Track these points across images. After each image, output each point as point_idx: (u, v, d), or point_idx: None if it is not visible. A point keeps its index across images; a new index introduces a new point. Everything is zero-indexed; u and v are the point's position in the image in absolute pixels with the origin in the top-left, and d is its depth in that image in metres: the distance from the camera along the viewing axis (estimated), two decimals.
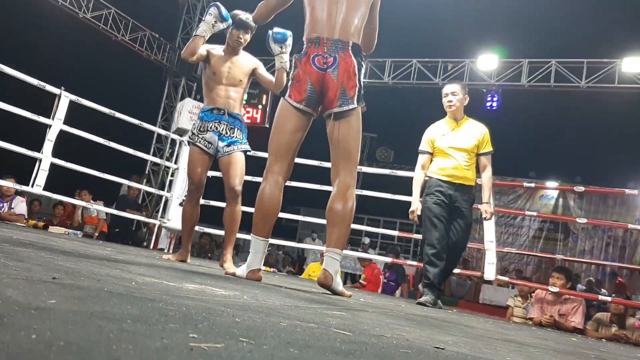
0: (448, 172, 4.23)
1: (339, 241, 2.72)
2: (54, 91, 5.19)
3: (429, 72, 11.84)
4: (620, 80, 10.44)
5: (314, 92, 2.69)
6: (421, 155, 4.45)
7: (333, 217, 2.74)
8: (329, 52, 2.66)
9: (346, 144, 2.73)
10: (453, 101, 4.26)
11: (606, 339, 4.56)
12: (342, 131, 2.71)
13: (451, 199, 4.18)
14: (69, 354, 0.54)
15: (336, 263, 2.69)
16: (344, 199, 2.74)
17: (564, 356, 1.75)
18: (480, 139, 4.26)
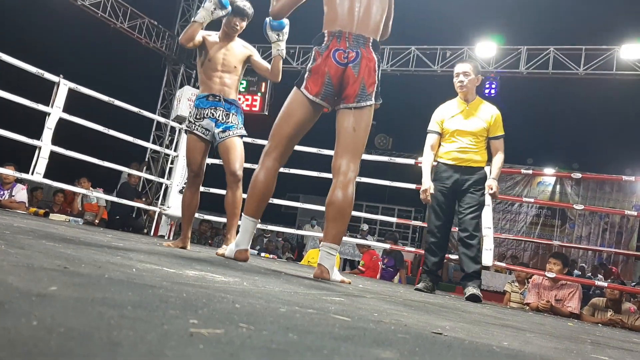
0: (453, 155, 4.11)
1: (337, 237, 2.70)
2: (52, 79, 5.17)
3: (427, 60, 11.80)
4: (618, 67, 10.41)
5: (332, 87, 2.67)
6: (430, 135, 4.28)
7: (333, 211, 2.70)
8: (350, 47, 2.65)
9: (356, 137, 2.71)
10: (464, 82, 4.10)
11: (602, 323, 4.59)
12: (354, 124, 2.69)
13: (457, 183, 4.06)
14: (70, 340, 0.55)
15: (332, 258, 2.67)
16: (345, 192, 2.70)
17: (560, 341, 1.77)
18: (491, 121, 4.09)
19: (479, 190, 4.08)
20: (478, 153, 4.09)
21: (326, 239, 2.69)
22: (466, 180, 4.06)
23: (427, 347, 0.96)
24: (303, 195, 16.32)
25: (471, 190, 4.05)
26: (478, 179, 4.08)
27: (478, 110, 4.13)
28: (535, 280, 5.21)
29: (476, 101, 4.17)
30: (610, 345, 2.04)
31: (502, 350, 1.14)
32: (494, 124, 4.11)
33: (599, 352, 1.61)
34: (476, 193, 4.06)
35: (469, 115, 4.12)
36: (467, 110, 4.13)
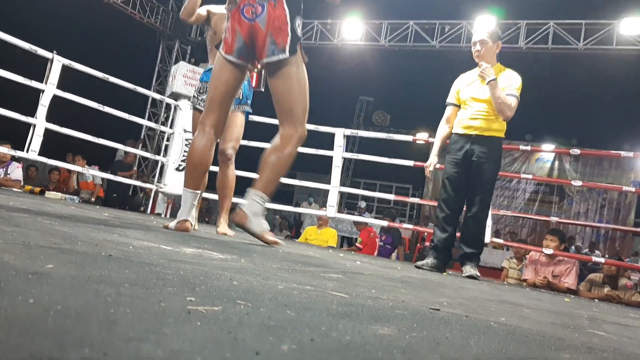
0: (464, 123, 3.90)
1: (265, 185, 2.60)
2: (46, 55, 5.11)
3: (425, 34, 11.70)
4: (618, 42, 10.34)
5: (244, 44, 2.63)
6: (447, 107, 4.08)
7: (264, 164, 2.63)
8: (259, 2, 2.59)
9: (286, 99, 2.63)
10: (481, 50, 3.90)
11: (599, 299, 4.63)
12: (281, 85, 2.62)
13: (467, 154, 3.85)
14: (67, 318, 0.54)
15: (256, 205, 2.58)
16: (280, 150, 2.62)
17: (557, 316, 1.78)
18: (506, 83, 3.84)
19: (491, 164, 3.86)
20: (491, 121, 3.85)
21: (253, 186, 2.62)
22: (477, 151, 3.85)
23: (425, 323, 0.97)
24: (300, 173, 16.30)
25: (482, 163, 3.84)
26: (490, 151, 3.86)
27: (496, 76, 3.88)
28: (533, 256, 5.24)
29: (495, 68, 3.93)
30: (607, 320, 2.06)
31: (500, 326, 1.14)
32: (508, 82, 3.86)
33: (596, 327, 1.62)
34: (487, 167, 3.85)
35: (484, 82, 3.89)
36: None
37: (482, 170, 3.83)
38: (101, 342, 0.48)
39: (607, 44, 10.45)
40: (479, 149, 3.83)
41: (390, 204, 15.88)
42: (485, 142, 3.84)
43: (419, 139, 6.34)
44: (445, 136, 4.07)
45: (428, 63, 13.31)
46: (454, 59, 11.96)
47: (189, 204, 2.78)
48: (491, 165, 3.86)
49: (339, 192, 5.83)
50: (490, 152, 3.85)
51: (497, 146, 3.90)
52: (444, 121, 4.09)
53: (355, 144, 17.21)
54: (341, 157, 5.77)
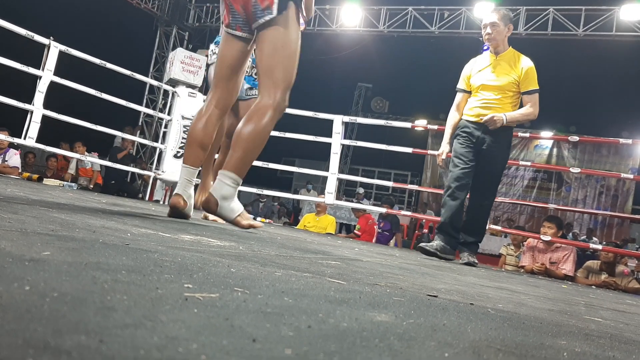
0: (475, 111, 3.79)
1: (237, 164, 2.38)
2: (42, 41, 5.08)
3: (424, 20, 11.63)
4: (618, 28, 10.29)
5: (236, 12, 2.51)
6: (457, 94, 3.96)
7: (235, 140, 2.40)
8: None
9: (267, 62, 2.42)
10: (492, 33, 3.75)
11: (596, 285, 4.65)
12: (265, 47, 2.43)
13: (478, 141, 3.74)
14: (63, 305, 0.54)
15: (226, 188, 2.38)
16: (253, 120, 2.39)
17: (554, 303, 1.78)
18: (521, 74, 3.72)
19: (501, 154, 3.78)
20: (503, 109, 3.72)
21: (224, 167, 2.41)
22: (488, 140, 3.73)
23: (423, 310, 0.97)
24: (299, 160, 16.30)
25: (492, 152, 3.74)
26: (502, 140, 3.75)
27: (508, 62, 3.78)
28: (530, 243, 5.26)
29: (508, 53, 3.82)
30: (604, 307, 2.07)
31: (497, 313, 1.14)
32: (525, 77, 3.73)
33: (593, 313, 1.63)
34: (497, 157, 3.76)
35: (497, 68, 3.79)
36: (495, 62, 3.81)
37: (492, 159, 3.74)
38: (97, 329, 0.48)
39: (607, 30, 10.40)
40: (489, 138, 3.72)
41: (388, 190, 15.91)
42: (497, 132, 3.73)
43: (417, 125, 6.33)
44: (456, 123, 3.95)
45: (427, 49, 13.25)
46: (453, 45, 11.91)
47: (183, 179, 2.70)
48: (501, 155, 3.78)
49: (338, 179, 5.83)
50: (501, 141, 3.75)
51: (508, 136, 3.81)
52: (454, 108, 3.98)
53: (354, 130, 17.19)
54: (340, 144, 5.76)
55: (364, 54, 13.87)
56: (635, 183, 14.40)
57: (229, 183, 2.38)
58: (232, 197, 2.40)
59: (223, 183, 2.38)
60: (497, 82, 3.75)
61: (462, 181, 3.74)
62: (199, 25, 13.46)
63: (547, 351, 0.77)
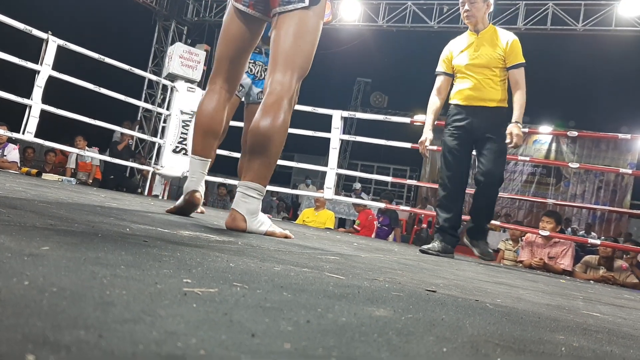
0: (464, 94, 3.62)
1: (257, 175, 2.11)
2: (41, 36, 5.06)
3: (424, 15, 11.61)
4: (617, 23, 10.27)
5: None
6: (437, 77, 3.79)
7: (252, 141, 2.12)
8: None
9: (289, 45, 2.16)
10: (470, 10, 3.59)
11: (594, 280, 4.66)
12: (287, 31, 2.17)
13: (472, 127, 3.58)
14: (62, 300, 0.54)
15: (251, 201, 2.10)
16: (269, 115, 2.10)
17: (552, 297, 1.79)
18: (506, 49, 3.56)
19: (501, 136, 3.55)
20: (495, 90, 3.57)
21: (244, 177, 2.13)
22: (482, 124, 3.56)
23: (421, 305, 0.97)
24: (298, 155, 16.31)
25: (489, 136, 3.55)
26: (497, 122, 3.57)
27: (491, 39, 3.61)
28: (529, 238, 5.27)
29: (488, 29, 3.65)
30: (602, 301, 2.07)
31: (496, 307, 1.15)
32: (510, 50, 3.56)
33: (591, 308, 1.64)
34: (496, 139, 3.55)
35: (480, 46, 3.61)
36: (477, 41, 3.64)
37: (491, 140, 3.55)
38: (96, 323, 0.48)
39: (606, 25, 10.38)
40: (485, 122, 3.56)
41: (387, 185, 15.92)
42: (491, 114, 3.57)
43: (416, 120, 6.32)
44: (438, 109, 3.80)
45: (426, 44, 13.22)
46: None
47: (197, 173, 2.43)
48: (500, 136, 3.55)
49: (336, 174, 5.83)
50: (497, 122, 3.57)
51: (504, 116, 3.59)
52: (434, 92, 3.80)
53: (353, 125, 17.18)
54: (338, 139, 5.75)
55: (363, 49, 13.85)
56: (633, 178, 14.41)
57: (254, 195, 2.10)
58: (258, 210, 2.14)
59: (247, 196, 2.10)
60: (484, 60, 3.58)
61: (456, 179, 3.64)
62: (198, 20, 13.42)
63: (545, 346, 0.77)
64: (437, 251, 3.55)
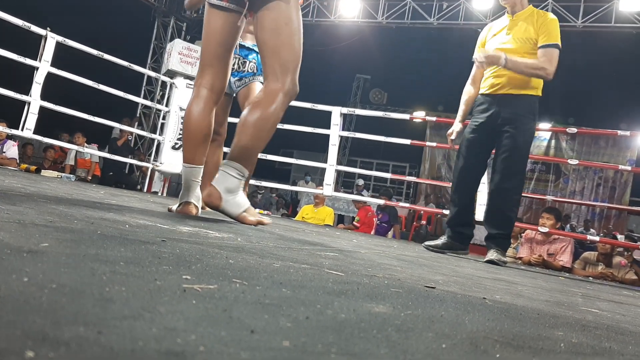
0: (489, 81, 3.39)
1: (243, 154, 2.15)
2: (39, 32, 5.05)
3: (423, 12, 11.59)
4: (617, 19, 10.26)
5: None
6: (474, 65, 3.56)
7: (242, 126, 2.15)
8: None
9: (273, 39, 2.16)
10: None
11: (593, 277, 4.67)
12: (267, 27, 2.17)
13: (492, 117, 3.34)
14: (62, 296, 0.54)
15: (231, 179, 2.13)
16: (261, 105, 2.14)
17: (551, 294, 1.79)
18: (539, 30, 3.28)
19: (522, 127, 3.29)
20: (520, 75, 3.29)
21: (228, 157, 2.17)
22: (504, 113, 3.30)
23: (420, 301, 0.97)
24: (297, 151, 16.29)
25: (510, 126, 3.30)
26: (521, 112, 3.30)
27: (526, 21, 3.34)
28: (528, 234, 5.27)
29: (525, 11, 3.38)
30: (601, 298, 2.07)
31: (495, 304, 1.15)
32: (543, 29, 3.27)
33: (589, 304, 1.64)
34: (516, 131, 3.29)
35: (513, 29, 3.35)
36: (512, 23, 3.38)
37: (510, 134, 3.29)
38: (96, 320, 0.48)
39: (606, 22, 10.37)
40: (506, 111, 3.30)
41: (387, 182, 15.92)
42: (514, 102, 3.31)
43: (416, 117, 6.32)
44: (471, 98, 3.56)
45: (426, 40, 13.23)
46: (452, 37, 11.88)
47: (189, 181, 2.36)
48: (522, 128, 3.30)
49: (336, 170, 5.83)
50: (520, 112, 3.30)
51: (529, 106, 3.33)
52: (469, 82, 3.59)
53: (352, 122, 17.18)
54: (338, 136, 5.75)
55: (362, 45, 13.84)
56: (632, 175, 14.42)
57: (234, 174, 2.13)
58: (237, 191, 2.14)
59: (227, 174, 2.12)
60: (513, 44, 3.32)
61: (468, 173, 3.43)
62: (197, 16, 13.40)
63: (544, 342, 0.77)
64: (440, 247, 3.43)
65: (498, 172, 3.35)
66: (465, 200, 3.47)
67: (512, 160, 3.32)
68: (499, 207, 3.37)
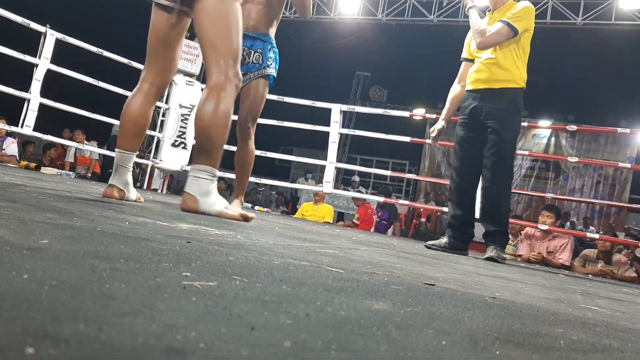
0: (472, 77, 3.42)
1: (207, 155, 2.21)
2: (39, 29, 5.05)
3: (423, 9, 11.57)
4: (617, 17, 10.24)
5: None
6: (461, 64, 3.61)
7: (198, 129, 2.23)
8: None
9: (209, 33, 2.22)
10: None
11: (593, 274, 4.67)
12: (203, 18, 2.22)
13: (475, 112, 3.36)
14: (61, 293, 0.54)
15: (202, 182, 2.19)
16: (210, 103, 2.19)
17: (551, 291, 1.79)
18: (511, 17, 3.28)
19: (505, 121, 3.30)
20: (502, 70, 3.31)
21: (194, 161, 2.24)
22: (486, 107, 3.32)
23: (420, 298, 0.97)
24: (297, 149, 16.29)
25: (492, 121, 3.30)
26: (502, 106, 3.30)
27: (501, 13, 3.35)
28: (528, 232, 5.28)
29: (505, 6, 3.39)
30: (600, 295, 2.08)
31: (494, 301, 1.15)
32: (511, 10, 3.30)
33: (589, 302, 1.64)
34: (499, 125, 3.29)
35: (492, 23, 3.35)
36: (491, 19, 3.39)
37: (494, 129, 3.30)
38: (96, 317, 0.48)
39: (606, 19, 10.35)
40: (488, 106, 3.31)
41: (386, 179, 15.92)
42: (495, 96, 3.32)
43: (415, 114, 6.33)
44: (456, 97, 3.60)
45: (426, 38, 13.20)
46: (452, 34, 11.84)
47: (118, 166, 2.45)
48: (505, 123, 3.32)
49: (336, 168, 5.83)
50: (502, 107, 3.31)
51: (512, 100, 3.32)
52: (456, 80, 3.64)
53: (352, 119, 17.16)
54: (338, 133, 5.75)
55: (362, 43, 13.81)
56: (632, 172, 14.41)
57: (204, 176, 2.20)
58: (211, 191, 2.21)
59: (197, 178, 2.20)
60: None
61: (464, 171, 3.45)
62: None
63: (544, 339, 0.77)
64: (442, 247, 3.40)
65: (487, 168, 3.36)
66: (464, 199, 3.48)
67: (499, 155, 3.33)
68: (492, 203, 3.38)
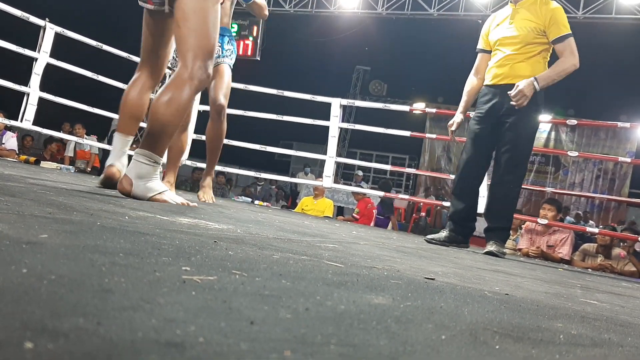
0: (492, 72, 3.34)
1: (152, 141, 2.24)
2: (38, 23, 5.03)
3: (423, 2, 11.53)
4: (617, 11, 10.22)
5: None
6: (477, 56, 3.52)
7: (151, 113, 2.26)
8: None
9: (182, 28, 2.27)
10: None
11: (592, 269, 4.68)
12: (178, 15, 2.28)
13: (495, 107, 3.30)
14: (61, 287, 0.54)
15: (142, 166, 2.22)
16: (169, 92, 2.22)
17: (550, 285, 1.79)
18: (544, 20, 3.19)
19: (524, 118, 3.24)
20: (526, 66, 3.23)
21: (140, 145, 2.29)
22: (506, 104, 3.23)
23: (420, 293, 0.97)
24: (297, 143, 16.26)
25: (510, 119, 3.25)
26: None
27: (529, 9, 3.26)
28: (529, 226, 5.28)
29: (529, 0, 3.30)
30: (600, 289, 2.08)
31: (494, 295, 1.15)
32: (551, 22, 3.19)
33: (589, 296, 1.64)
34: (519, 122, 3.24)
35: (515, 17, 3.28)
36: (514, 12, 3.31)
37: (512, 125, 3.24)
38: (95, 311, 0.48)
39: (607, 13, 10.33)
40: (509, 101, 3.21)
41: (386, 174, 15.92)
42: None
43: (415, 109, 6.31)
44: (473, 89, 3.52)
45: (426, 32, 13.17)
46: (452, 28, 11.83)
47: (117, 148, 2.64)
48: (525, 119, 3.25)
49: (335, 162, 5.83)
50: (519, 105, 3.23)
51: (533, 96, 3.21)
52: (472, 72, 3.55)
53: (352, 113, 17.14)
54: (337, 127, 5.74)
55: (362, 37, 13.78)
56: (632, 167, 14.42)
57: (144, 161, 2.23)
58: (149, 176, 2.24)
59: (138, 162, 2.22)
60: (515, 32, 3.26)
61: (472, 166, 3.40)
62: None
63: (544, 333, 0.77)
64: (442, 241, 3.39)
65: (500, 164, 3.32)
66: (468, 193, 3.45)
67: (515, 152, 3.30)
68: (499, 200, 3.36)
